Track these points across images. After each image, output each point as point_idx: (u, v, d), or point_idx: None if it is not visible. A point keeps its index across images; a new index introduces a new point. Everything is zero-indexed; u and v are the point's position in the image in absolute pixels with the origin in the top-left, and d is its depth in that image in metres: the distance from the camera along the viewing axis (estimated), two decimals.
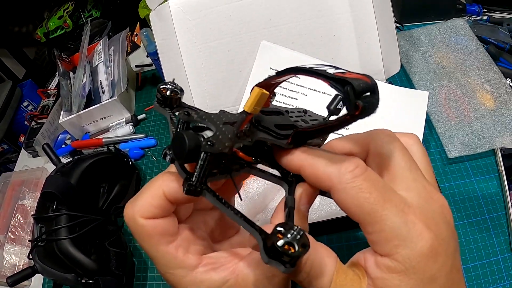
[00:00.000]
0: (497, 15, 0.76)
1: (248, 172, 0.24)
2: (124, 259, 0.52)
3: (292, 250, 0.18)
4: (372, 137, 0.24)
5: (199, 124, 0.22)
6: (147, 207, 0.22)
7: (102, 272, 0.48)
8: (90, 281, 0.47)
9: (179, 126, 0.22)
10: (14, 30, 1.38)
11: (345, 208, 0.21)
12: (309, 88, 0.54)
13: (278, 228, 0.18)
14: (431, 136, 0.59)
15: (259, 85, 0.23)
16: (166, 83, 0.23)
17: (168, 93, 0.22)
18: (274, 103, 0.28)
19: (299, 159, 0.23)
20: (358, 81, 0.18)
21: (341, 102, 0.26)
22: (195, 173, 0.20)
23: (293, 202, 0.23)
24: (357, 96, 0.18)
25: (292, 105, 0.53)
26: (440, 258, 0.20)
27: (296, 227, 0.18)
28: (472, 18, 0.76)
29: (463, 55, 0.66)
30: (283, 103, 0.54)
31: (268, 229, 0.19)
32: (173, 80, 0.23)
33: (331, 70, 0.20)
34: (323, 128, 0.22)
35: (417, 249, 0.19)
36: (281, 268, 0.18)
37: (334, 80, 0.19)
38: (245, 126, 0.22)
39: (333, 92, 0.27)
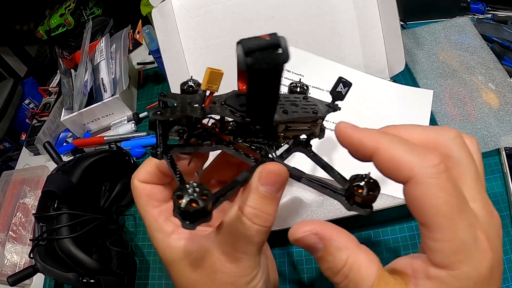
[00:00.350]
0: (501, 13, 0.76)
1: (222, 149, 0.26)
2: (125, 258, 0.52)
3: (181, 203, 0.18)
4: (440, 135, 0.22)
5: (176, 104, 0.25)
6: (142, 172, 0.27)
7: (103, 271, 0.47)
8: (92, 281, 0.47)
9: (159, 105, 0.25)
10: (15, 28, 1.38)
11: (417, 203, 0.19)
12: (312, 87, 0.54)
13: (182, 186, 0.19)
14: None
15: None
16: (186, 81, 0.26)
17: (185, 87, 0.26)
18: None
19: (375, 140, 0.20)
20: (251, 40, 0.18)
21: (341, 84, 0.27)
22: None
23: (243, 178, 0.23)
24: (247, 53, 0.18)
25: None
26: (492, 282, 0.19)
27: (192, 184, 0.19)
28: (476, 17, 0.76)
29: (468, 54, 0.65)
30: None
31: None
32: (192, 77, 0.26)
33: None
34: (251, 94, 0.22)
35: (479, 269, 0.18)
36: (181, 223, 0.19)
37: (237, 44, 0.19)
38: (212, 103, 0.24)
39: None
